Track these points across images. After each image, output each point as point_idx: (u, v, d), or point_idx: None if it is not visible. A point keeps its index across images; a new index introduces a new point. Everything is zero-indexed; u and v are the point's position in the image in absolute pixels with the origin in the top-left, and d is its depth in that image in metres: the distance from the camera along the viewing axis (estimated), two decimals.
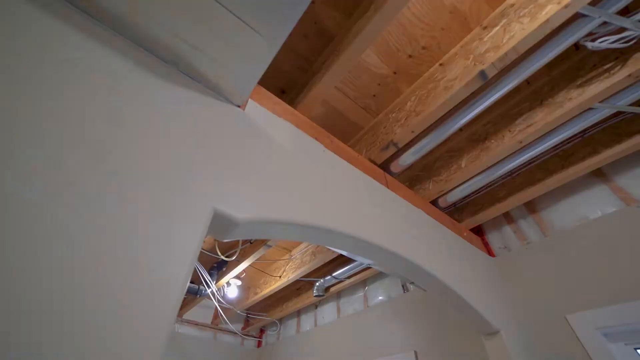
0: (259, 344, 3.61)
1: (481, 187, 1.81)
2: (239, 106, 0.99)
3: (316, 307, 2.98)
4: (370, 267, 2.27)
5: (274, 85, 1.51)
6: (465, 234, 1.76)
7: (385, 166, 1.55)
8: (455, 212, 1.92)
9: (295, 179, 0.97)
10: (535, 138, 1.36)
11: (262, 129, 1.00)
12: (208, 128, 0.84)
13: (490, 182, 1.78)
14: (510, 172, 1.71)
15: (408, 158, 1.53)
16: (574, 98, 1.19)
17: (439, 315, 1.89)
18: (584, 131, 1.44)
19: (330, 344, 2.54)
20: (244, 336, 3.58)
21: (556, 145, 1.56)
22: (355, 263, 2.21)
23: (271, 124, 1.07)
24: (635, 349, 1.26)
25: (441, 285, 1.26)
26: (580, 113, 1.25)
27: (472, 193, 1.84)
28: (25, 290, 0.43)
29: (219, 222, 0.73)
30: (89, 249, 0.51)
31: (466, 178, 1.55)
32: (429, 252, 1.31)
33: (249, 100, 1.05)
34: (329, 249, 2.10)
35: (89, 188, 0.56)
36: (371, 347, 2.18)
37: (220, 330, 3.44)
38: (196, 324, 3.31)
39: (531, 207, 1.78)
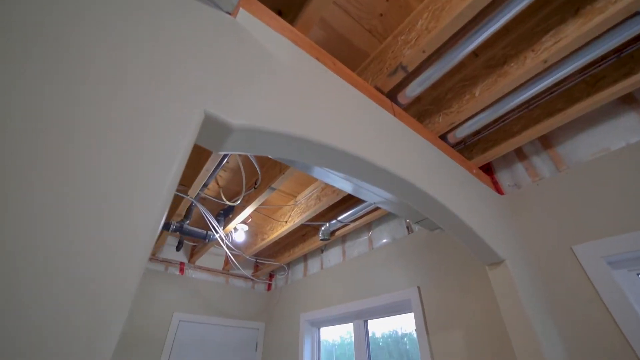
0: (269, 287, 3.82)
1: (493, 122, 1.70)
2: (229, 13, 0.88)
3: (322, 251, 3.07)
4: (374, 210, 2.26)
5: (270, 6, 1.36)
6: (474, 171, 1.70)
7: (392, 96, 1.45)
8: (465, 151, 1.84)
9: (293, 94, 0.89)
10: (563, 57, 1.22)
11: (255, 39, 0.90)
12: (196, 32, 0.74)
13: (503, 116, 1.67)
14: (528, 103, 1.59)
15: (416, 88, 1.41)
16: (619, 0, 1.03)
17: (442, 254, 1.91)
18: (622, 48, 1.28)
19: (336, 285, 2.65)
20: (255, 280, 3.77)
21: (584, 69, 1.42)
22: (360, 206, 2.20)
23: (266, 37, 0.96)
24: (638, 274, 1.26)
25: (449, 214, 1.23)
26: (624, 20, 1.09)
27: (484, 129, 1.75)
28: None
29: (211, 127, 0.67)
30: (63, 159, 0.46)
31: (480, 108, 1.44)
32: (437, 182, 1.26)
33: (240, 9, 0.93)
34: (334, 192, 2.08)
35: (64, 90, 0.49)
36: (375, 286, 2.26)
37: (232, 275, 3.62)
38: (208, 270, 3.47)
39: (546, 141, 1.69)
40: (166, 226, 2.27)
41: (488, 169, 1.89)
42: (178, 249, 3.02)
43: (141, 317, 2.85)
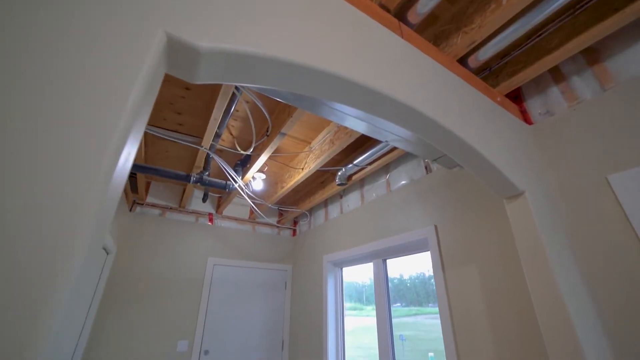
0: (294, 233, 4.01)
1: (524, 39, 1.46)
2: None
3: (341, 196, 3.09)
4: (391, 151, 2.17)
5: None
6: (498, 99, 1.52)
7: (401, 15, 1.26)
8: (490, 77, 1.64)
9: (277, 13, 0.79)
10: None
11: None
12: None
13: (538, 30, 1.42)
14: (572, 7, 1.33)
15: (428, 1, 1.21)
16: None
17: (460, 192, 1.83)
18: None
19: (356, 227, 2.70)
20: (280, 227, 3.96)
21: None
22: (376, 148, 2.12)
23: None
24: None
25: (466, 147, 1.14)
26: None
27: (512, 49, 1.51)
28: None
29: (178, 52, 0.62)
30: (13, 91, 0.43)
31: (507, 18, 1.22)
32: (454, 112, 1.14)
33: None
34: (346, 134, 2.00)
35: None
36: (393, 227, 2.26)
37: (258, 223, 3.81)
38: (235, 219, 3.68)
39: (592, 55, 1.44)
40: (186, 178, 2.36)
41: (516, 97, 1.69)
42: (204, 200, 3.19)
43: (181, 263, 3.16)
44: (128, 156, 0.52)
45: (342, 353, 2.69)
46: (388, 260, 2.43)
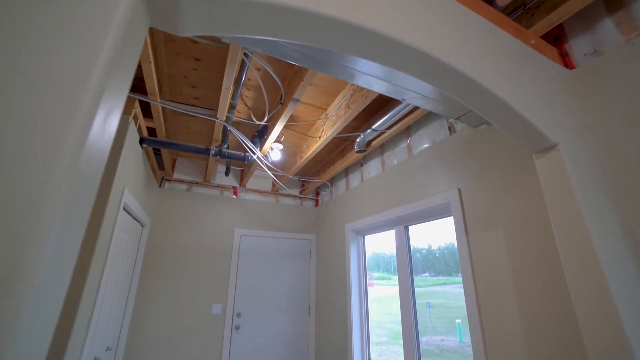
0: (317, 204, 4.04)
1: None
2: None
3: (361, 164, 3.02)
4: (411, 112, 2.04)
5: None
6: (532, 41, 1.33)
7: None
8: (523, 18, 1.43)
9: None
10: None
11: None
12: None
13: None
14: None
15: None
16: None
17: (485, 152, 1.69)
18: None
19: (377, 195, 2.64)
20: (302, 198, 4.00)
21: None
22: (394, 110, 1.99)
23: None
24: None
25: (491, 97, 1.02)
26: None
27: None
28: None
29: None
30: None
31: None
32: (476, 56, 1.01)
33: None
34: (362, 96, 1.89)
35: None
36: (415, 192, 2.18)
37: (281, 195, 3.87)
38: (259, 191, 3.75)
39: None
40: (206, 151, 2.40)
41: (556, 39, 1.47)
42: (227, 174, 3.26)
43: (210, 234, 3.32)
44: (105, 121, 0.50)
45: (365, 317, 2.76)
46: (410, 227, 2.38)
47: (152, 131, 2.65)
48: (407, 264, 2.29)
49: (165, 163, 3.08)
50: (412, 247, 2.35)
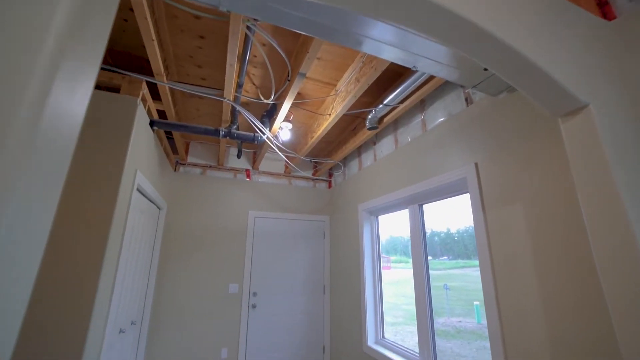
0: (329, 185, 4.00)
1: None
2: None
3: (374, 143, 2.93)
4: (426, 83, 1.92)
5: None
6: None
7: None
8: None
9: None
10: None
11: None
12: None
13: None
14: None
15: None
16: None
17: (504, 123, 1.57)
18: None
19: (390, 173, 2.57)
20: (315, 179, 3.97)
21: None
22: (407, 82, 1.88)
23: None
24: None
25: (509, 52, 0.91)
26: None
27: None
28: None
29: None
30: None
31: None
32: (496, 8, 0.91)
33: None
34: (372, 68, 1.79)
35: None
36: (429, 169, 2.09)
37: (294, 177, 3.85)
38: (271, 174, 3.75)
39: None
40: (215, 132, 2.39)
41: None
42: (239, 156, 3.27)
43: (225, 216, 3.38)
44: (58, 98, 0.45)
45: (379, 297, 2.75)
46: (426, 207, 2.30)
47: (162, 114, 2.66)
48: (421, 243, 2.23)
49: (178, 147, 3.11)
50: (430, 231, 2.29)
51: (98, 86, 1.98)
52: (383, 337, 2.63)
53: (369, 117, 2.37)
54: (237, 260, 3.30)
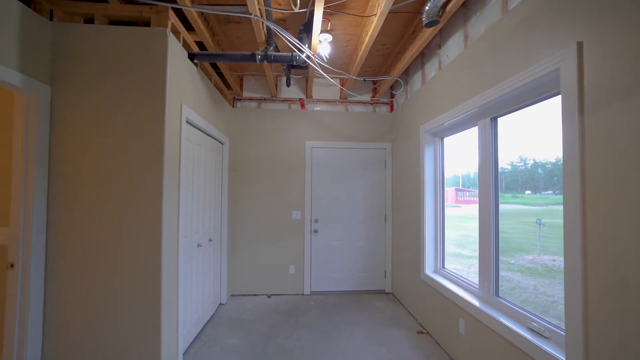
0: (391, 108, 3.56)
1: None
2: None
3: (439, 47, 2.34)
4: None
5: None
6: None
7: None
8: None
9: None
10: None
11: None
12: None
13: None
14: None
15: None
16: None
17: None
18: None
19: (456, 82, 2.05)
20: (374, 103, 3.57)
21: None
22: None
23: None
24: None
25: None
26: None
27: None
28: None
29: None
30: None
31: None
32: None
33: None
34: None
35: None
36: (506, 65, 1.55)
37: (350, 102, 3.54)
38: (326, 101, 3.52)
39: None
40: (252, 57, 2.24)
41: None
42: (288, 84, 3.11)
43: (283, 148, 3.43)
44: None
45: (441, 226, 2.50)
46: (502, 121, 1.80)
47: (202, 46, 2.63)
48: (490, 166, 1.82)
49: (231, 82, 3.12)
50: (534, 161, 1.81)
51: (133, 22, 2.00)
52: (443, 267, 2.46)
53: (426, 7, 1.83)
54: (298, 190, 3.42)
